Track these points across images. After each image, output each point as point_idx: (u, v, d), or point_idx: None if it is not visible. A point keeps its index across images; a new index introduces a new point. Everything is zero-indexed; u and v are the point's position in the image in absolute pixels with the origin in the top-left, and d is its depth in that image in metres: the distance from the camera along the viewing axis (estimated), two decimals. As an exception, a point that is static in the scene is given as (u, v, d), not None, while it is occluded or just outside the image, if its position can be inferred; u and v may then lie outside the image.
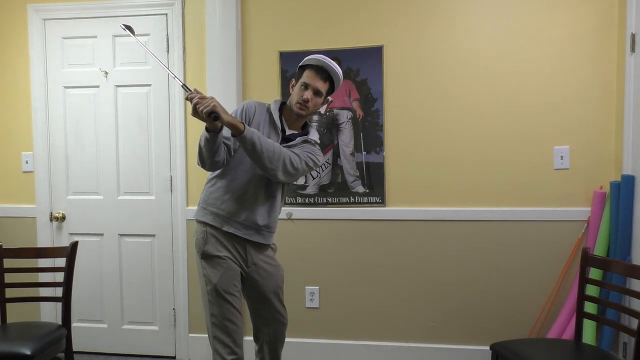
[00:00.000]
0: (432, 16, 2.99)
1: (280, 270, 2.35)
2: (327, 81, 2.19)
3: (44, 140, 3.37)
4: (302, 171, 2.16)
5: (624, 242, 2.65)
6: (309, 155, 2.18)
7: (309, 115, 2.26)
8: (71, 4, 3.30)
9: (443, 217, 3.01)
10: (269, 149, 2.02)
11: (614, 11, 2.81)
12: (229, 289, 2.13)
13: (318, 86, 2.17)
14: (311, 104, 2.17)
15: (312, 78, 2.17)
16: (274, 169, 2.05)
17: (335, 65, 2.19)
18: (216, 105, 1.92)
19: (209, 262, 2.15)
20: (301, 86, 2.18)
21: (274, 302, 2.32)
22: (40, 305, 3.44)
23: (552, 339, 2.66)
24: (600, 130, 2.86)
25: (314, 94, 2.17)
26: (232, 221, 2.15)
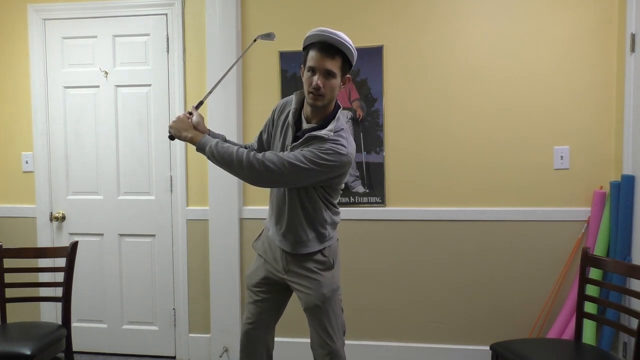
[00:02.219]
0: (432, 16, 2.99)
1: (321, 287, 2.03)
2: (337, 56, 1.86)
3: (44, 140, 3.37)
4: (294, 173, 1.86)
5: (624, 242, 2.65)
6: (310, 154, 1.85)
7: (331, 102, 1.95)
8: (71, 4, 3.30)
9: (443, 217, 3.01)
10: (224, 158, 1.89)
11: (614, 11, 2.81)
12: (250, 286, 2.21)
13: (327, 66, 1.85)
14: (325, 89, 1.87)
15: (318, 59, 1.85)
16: (240, 176, 1.92)
17: (341, 35, 1.86)
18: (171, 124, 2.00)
19: (255, 256, 2.25)
20: (308, 72, 1.88)
21: (310, 320, 2.09)
22: (40, 305, 3.44)
23: (552, 339, 2.66)
24: (600, 131, 2.86)
25: (325, 76, 1.87)
26: (271, 225, 2.15)
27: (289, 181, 1.91)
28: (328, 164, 1.87)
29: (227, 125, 3.09)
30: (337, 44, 1.85)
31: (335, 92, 1.91)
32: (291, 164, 1.84)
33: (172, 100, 3.25)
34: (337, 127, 1.93)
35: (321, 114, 1.96)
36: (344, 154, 1.90)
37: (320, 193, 2.01)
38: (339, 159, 1.88)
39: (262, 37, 2.25)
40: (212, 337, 3.20)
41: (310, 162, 1.85)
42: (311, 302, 2.04)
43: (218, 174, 3.12)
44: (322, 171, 1.88)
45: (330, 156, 1.87)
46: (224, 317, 3.16)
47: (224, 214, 3.14)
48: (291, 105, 2.03)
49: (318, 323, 2.06)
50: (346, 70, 1.93)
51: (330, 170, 1.89)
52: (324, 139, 1.88)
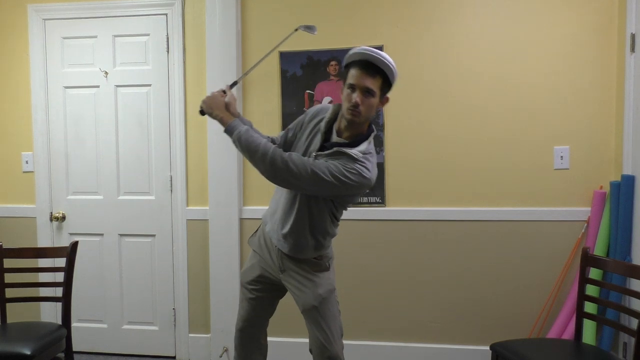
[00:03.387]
0: (432, 16, 2.99)
1: (317, 288, 2.05)
2: (378, 75, 1.87)
3: (44, 140, 3.37)
4: (313, 181, 1.87)
5: (624, 242, 2.65)
6: (335, 169, 1.86)
7: (366, 121, 1.95)
8: (71, 4, 3.30)
9: (443, 217, 3.01)
10: (249, 147, 1.89)
11: (614, 11, 2.81)
12: (245, 283, 2.23)
13: (367, 84, 1.86)
14: (363, 107, 1.87)
15: (359, 77, 1.86)
16: (259, 168, 1.91)
17: (384, 54, 1.87)
18: (205, 99, 2.01)
19: (250, 252, 2.26)
20: (348, 89, 1.89)
21: (308, 323, 2.09)
22: (40, 305, 3.44)
23: (552, 339, 2.66)
24: (600, 131, 2.86)
25: (364, 95, 1.87)
26: (270, 221, 2.15)
27: (305, 187, 1.92)
28: (348, 182, 1.88)
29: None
30: (379, 64, 1.86)
31: (372, 111, 1.92)
32: (314, 172, 1.86)
33: (172, 100, 3.25)
34: (367, 150, 1.95)
35: (354, 131, 1.96)
36: (366, 177, 1.91)
37: (329, 206, 2.03)
38: (360, 180, 1.90)
39: (303, 28, 2.23)
40: (212, 337, 3.20)
41: (332, 176, 1.87)
42: (308, 303, 2.05)
43: (218, 174, 3.13)
44: (340, 187, 1.89)
45: (354, 176, 1.88)
46: (224, 317, 3.16)
47: (224, 214, 3.14)
48: (325, 114, 2.04)
49: (316, 325, 2.05)
50: (385, 91, 1.94)
51: (347, 188, 1.91)
52: (353, 158, 1.90)
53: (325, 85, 3.08)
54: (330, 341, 2.04)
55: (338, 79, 3.06)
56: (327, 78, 3.08)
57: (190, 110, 3.23)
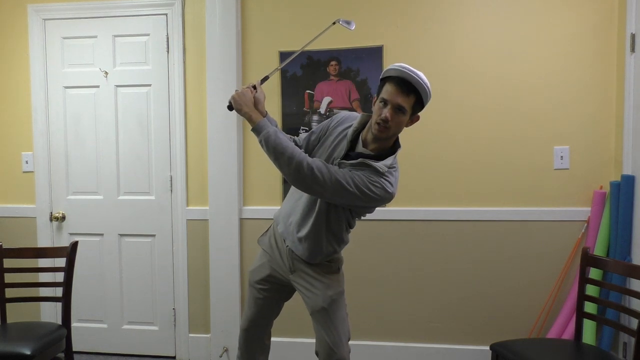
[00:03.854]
0: (432, 16, 2.99)
1: (327, 289, 2.05)
2: (412, 94, 1.86)
3: (44, 140, 3.37)
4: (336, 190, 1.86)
5: (624, 242, 2.65)
6: (359, 180, 1.86)
7: (394, 137, 1.96)
8: (71, 4, 3.30)
9: (443, 217, 3.01)
10: (277, 149, 1.86)
11: (614, 11, 2.81)
12: (253, 282, 2.21)
13: (399, 102, 1.85)
14: (392, 123, 1.86)
15: (392, 93, 1.85)
16: (284, 171, 1.90)
17: (420, 74, 1.86)
18: (235, 96, 1.95)
19: (260, 251, 2.24)
20: (380, 103, 1.88)
21: (316, 324, 2.07)
22: (40, 305, 3.44)
23: (552, 339, 2.66)
24: (600, 131, 2.86)
25: (395, 111, 1.86)
26: (282, 222, 2.14)
27: (327, 195, 1.91)
28: (371, 195, 1.89)
29: (227, 125, 3.09)
30: (415, 83, 1.85)
31: (400, 128, 1.92)
32: (338, 181, 1.85)
33: (172, 100, 3.25)
34: (392, 164, 1.95)
35: (380, 144, 1.96)
36: (389, 192, 1.93)
37: (346, 215, 2.03)
38: (383, 195, 1.91)
39: (342, 22, 2.20)
40: (212, 337, 3.20)
41: (355, 187, 1.87)
42: (317, 305, 2.04)
43: (218, 174, 3.13)
44: (361, 198, 1.89)
45: (377, 190, 1.89)
46: (224, 317, 3.17)
47: (224, 214, 3.14)
48: (352, 122, 2.03)
49: (324, 327, 2.04)
50: (417, 110, 1.93)
51: (369, 200, 1.91)
52: (378, 171, 1.90)
53: (325, 85, 3.08)
54: (338, 344, 2.03)
55: (338, 79, 3.06)
56: (327, 78, 3.08)
57: (190, 110, 3.23)
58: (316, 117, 3.09)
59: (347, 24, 2.21)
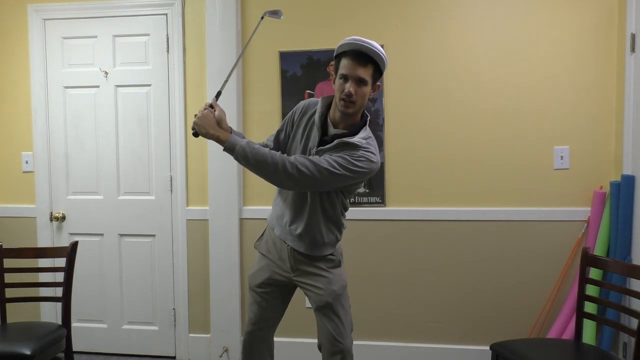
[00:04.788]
0: (431, 16, 2.99)
1: (331, 284, 2.06)
2: (369, 64, 1.88)
3: (44, 140, 3.37)
4: (326, 178, 1.88)
5: (624, 242, 2.65)
6: (343, 161, 1.87)
7: (360, 110, 1.97)
8: (71, 4, 3.30)
9: (443, 217, 3.01)
10: (257, 159, 1.86)
11: (614, 11, 2.81)
12: (254, 286, 2.18)
13: (359, 74, 1.86)
14: (356, 97, 1.88)
15: (351, 67, 1.86)
16: (271, 178, 1.90)
17: (373, 42, 1.88)
18: (197, 122, 1.90)
19: (257, 255, 2.22)
20: (340, 79, 1.89)
21: (321, 319, 2.07)
22: (40, 305, 3.44)
23: (552, 339, 2.66)
24: (600, 130, 2.86)
25: (357, 84, 1.88)
26: (277, 224, 2.13)
27: (318, 186, 1.92)
28: (360, 170, 1.90)
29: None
30: (370, 53, 1.87)
31: (365, 100, 1.93)
32: (325, 169, 1.86)
33: (172, 100, 3.25)
34: (367, 135, 1.97)
35: (349, 120, 1.97)
36: (374, 161, 1.95)
37: (340, 197, 2.04)
38: (369, 166, 1.93)
39: (269, 14, 2.18)
40: (212, 337, 3.20)
41: (343, 168, 1.88)
42: (322, 300, 2.04)
43: (218, 174, 3.13)
44: (352, 177, 1.91)
45: (362, 163, 1.90)
46: (224, 317, 3.17)
47: (224, 214, 3.14)
48: (315, 108, 2.03)
49: (329, 321, 2.05)
50: (377, 78, 1.94)
51: (359, 176, 1.93)
52: (357, 146, 1.91)
53: (325, 85, 3.08)
54: (342, 335, 2.06)
55: (338, 79, 3.06)
56: (327, 78, 3.08)
57: (190, 110, 3.23)
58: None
59: (274, 14, 2.19)
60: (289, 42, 3.11)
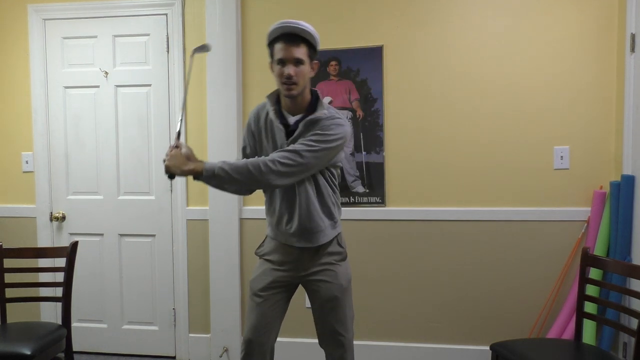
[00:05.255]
0: (432, 16, 2.99)
1: (339, 278, 2.07)
2: (302, 43, 1.92)
3: (44, 140, 3.37)
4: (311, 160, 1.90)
5: (624, 242, 2.65)
6: (317, 137, 1.90)
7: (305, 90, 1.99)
8: (71, 4, 3.30)
9: (443, 217, 3.01)
10: (240, 172, 1.86)
11: (614, 11, 2.81)
12: (257, 290, 2.13)
13: (295, 55, 1.90)
14: (297, 77, 1.91)
15: (285, 49, 1.90)
16: (260, 184, 1.91)
17: (303, 23, 1.93)
18: (169, 164, 1.90)
19: (258, 261, 2.20)
20: (278, 65, 1.93)
21: (326, 313, 2.08)
22: (40, 305, 3.44)
23: (552, 339, 2.66)
24: (600, 130, 2.86)
25: (295, 65, 1.91)
26: (278, 232, 2.11)
27: (307, 170, 1.93)
28: (335, 137, 1.93)
29: (227, 125, 3.10)
30: (301, 33, 1.91)
31: (306, 79, 1.97)
32: (306, 151, 1.89)
33: (172, 100, 3.25)
34: (326, 106, 2.01)
35: (302, 103, 2.01)
36: (344, 124, 1.98)
37: (328, 175, 2.05)
38: (342, 130, 1.96)
39: (197, 51, 2.22)
40: (212, 337, 3.20)
41: (320, 143, 1.91)
42: (331, 294, 2.06)
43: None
44: (332, 147, 1.94)
45: (334, 130, 1.94)
46: (224, 317, 3.17)
47: (224, 214, 3.14)
48: (265, 110, 2.06)
49: (335, 315, 2.07)
50: (313, 56, 1.98)
51: (337, 144, 1.95)
52: (321, 119, 1.95)
53: (325, 85, 3.08)
54: (346, 328, 2.10)
55: (338, 79, 3.06)
56: (327, 78, 3.08)
57: (190, 110, 3.23)
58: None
59: (202, 49, 2.24)
60: (289, 42, 3.10)
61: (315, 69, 2.02)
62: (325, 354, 2.18)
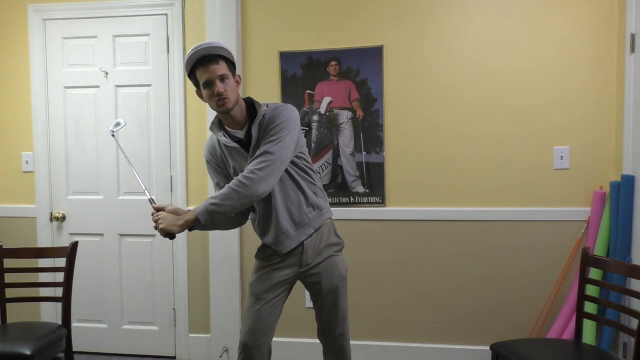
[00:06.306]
0: (432, 16, 2.99)
1: (339, 268, 2.14)
2: (219, 60, 1.96)
3: (44, 140, 3.37)
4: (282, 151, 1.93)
5: (624, 242, 2.65)
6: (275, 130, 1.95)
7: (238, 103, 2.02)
8: (71, 4, 3.30)
9: (443, 217, 3.01)
10: (229, 198, 1.89)
11: (614, 11, 2.81)
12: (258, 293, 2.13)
13: (217, 73, 1.94)
14: (228, 92, 1.95)
15: (206, 72, 1.94)
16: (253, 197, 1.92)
17: (213, 42, 1.99)
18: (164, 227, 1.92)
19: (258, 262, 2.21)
20: (205, 89, 1.98)
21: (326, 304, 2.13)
22: (40, 305, 3.44)
23: (552, 339, 2.66)
24: (600, 130, 2.86)
25: (221, 81, 1.95)
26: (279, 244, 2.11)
27: (283, 163, 1.96)
28: (289, 121, 1.97)
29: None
30: (214, 51, 1.96)
31: (236, 92, 2.01)
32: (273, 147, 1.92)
33: (172, 100, 3.25)
34: (263, 103, 2.04)
35: (242, 114, 2.04)
36: (288, 108, 2.03)
37: (301, 163, 2.08)
38: (290, 113, 2.01)
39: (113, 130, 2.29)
40: (212, 337, 3.20)
41: (280, 132, 1.95)
42: (332, 285, 2.12)
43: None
44: (292, 130, 1.98)
45: (284, 116, 1.98)
46: (224, 317, 3.17)
47: (224, 214, 3.14)
48: (213, 140, 2.12)
49: (335, 305, 2.13)
50: (233, 71, 2.02)
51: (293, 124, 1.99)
52: (267, 113, 2.00)
53: (325, 85, 3.08)
54: (345, 317, 2.17)
55: (338, 79, 3.06)
56: (327, 78, 3.08)
57: (190, 110, 3.24)
58: (316, 117, 3.09)
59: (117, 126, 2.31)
60: (289, 42, 3.11)
61: (239, 82, 2.06)
62: (324, 347, 2.21)
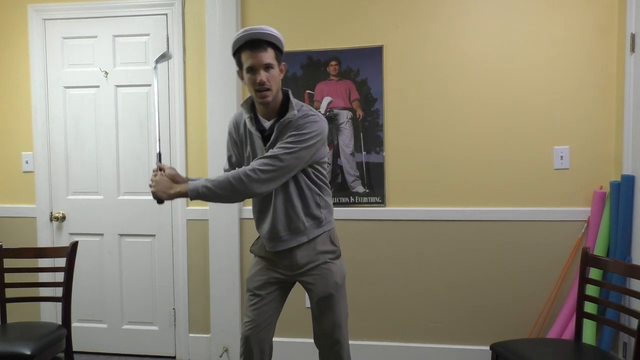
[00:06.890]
0: (432, 16, 2.99)
1: (334, 276, 2.08)
2: (268, 47, 1.91)
3: (44, 140, 3.37)
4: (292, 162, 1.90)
5: (624, 242, 2.65)
6: (294, 139, 1.90)
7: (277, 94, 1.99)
8: (71, 4, 3.30)
9: (443, 217, 3.01)
10: (223, 187, 1.88)
11: (614, 11, 2.81)
12: (253, 289, 2.14)
13: (264, 60, 1.90)
14: (270, 83, 1.91)
15: (253, 56, 1.89)
16: (246, 194, 1.92)
17: (265, 27, 1.92)
18: (153, 190, 1.94)
19: (254, 259, 2.20)
20: (248, 73, 1.93)
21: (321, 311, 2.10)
22: (40, 305, 3.44)
23: (552, 339, 2.66)
24: (600, 130, 2.86)
25: (266, 70, 1.91)
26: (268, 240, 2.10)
27: (289, 172, 1.93)
28: (312, 135, 1.92)
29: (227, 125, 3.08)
30: (265, 37, 1.90)
31: (278, 82, 1.96)
32: (284, 154, 1.88)
33: (172, 100, 3.25)
34: (297, 106, 1.99)
35: (275, 106, 2.00)
36: (318, 120, 1.97)
37: (313, 173, 2.04)
38: (317, 127, 1.95)
39: (158, 61, 2.25)
40: (212, 337, 3.20)
41: (297, 143, 1.90)
42: (326, 292, 2.07)
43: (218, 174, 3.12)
44: (311, 145, 1.93)
45: (310, 128, 1.93)
46: (224, 317, 3.17)
47: (224, 214, 3.14)
48: (242, 118, 2.08)
49: (330, 312, 2.09)
50: (280, 59, 1.98)
51: (316, 140, 1.94)
52: (295, 119, 1.95)
53: (325, 85, 3.08)
54: (340, 326, 2.11)
55: (338, 79, 3.06)
56: (327, 78, 3.08)
57: (190, 110, 3.24)
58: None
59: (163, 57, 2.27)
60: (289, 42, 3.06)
61: (284, 70, 2.01)
62: (320, 352, 2.19)
